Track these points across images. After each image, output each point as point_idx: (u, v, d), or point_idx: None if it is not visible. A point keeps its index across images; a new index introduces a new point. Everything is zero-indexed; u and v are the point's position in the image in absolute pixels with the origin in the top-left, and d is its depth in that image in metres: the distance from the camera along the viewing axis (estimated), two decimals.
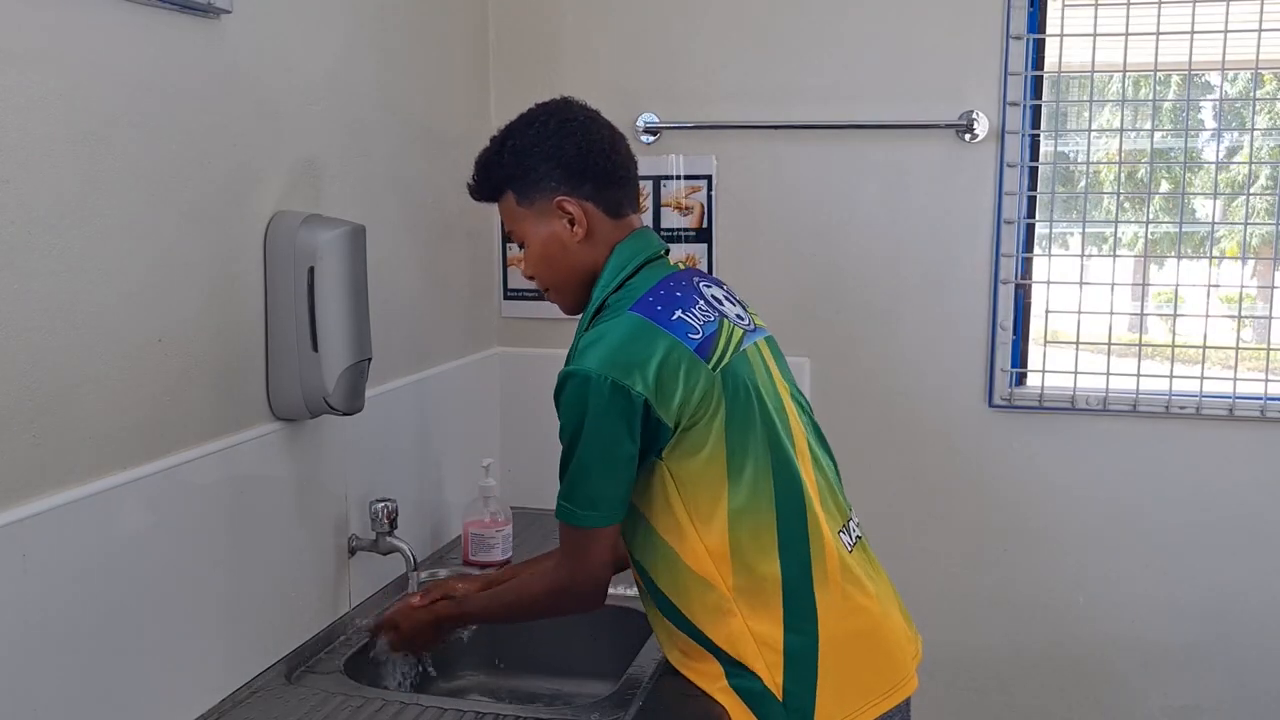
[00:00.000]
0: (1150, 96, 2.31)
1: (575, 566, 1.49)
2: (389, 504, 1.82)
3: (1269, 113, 2.24)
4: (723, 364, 1.45)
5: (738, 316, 1.55)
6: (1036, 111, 2.26)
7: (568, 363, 1.46)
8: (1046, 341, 2.36)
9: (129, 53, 1.33)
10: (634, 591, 1.92)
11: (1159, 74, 2.25)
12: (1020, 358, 2.33)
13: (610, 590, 1.92)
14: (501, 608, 1.65)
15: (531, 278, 1.60)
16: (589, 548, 1.47)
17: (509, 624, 1.82)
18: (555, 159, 1.51)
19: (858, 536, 1.56)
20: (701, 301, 1.51)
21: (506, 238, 2.45)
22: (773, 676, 1.43)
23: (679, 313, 1.46)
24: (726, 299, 1.57)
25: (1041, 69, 2.25)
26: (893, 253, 2.30)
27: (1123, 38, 2.18)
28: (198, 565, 1.46)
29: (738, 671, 1.45)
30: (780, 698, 1.42)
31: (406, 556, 1.82)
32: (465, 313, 2.32)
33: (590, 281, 1.54)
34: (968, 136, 2.23)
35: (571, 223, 1.52)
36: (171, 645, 1.41)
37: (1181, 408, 2.23)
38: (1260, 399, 2.20)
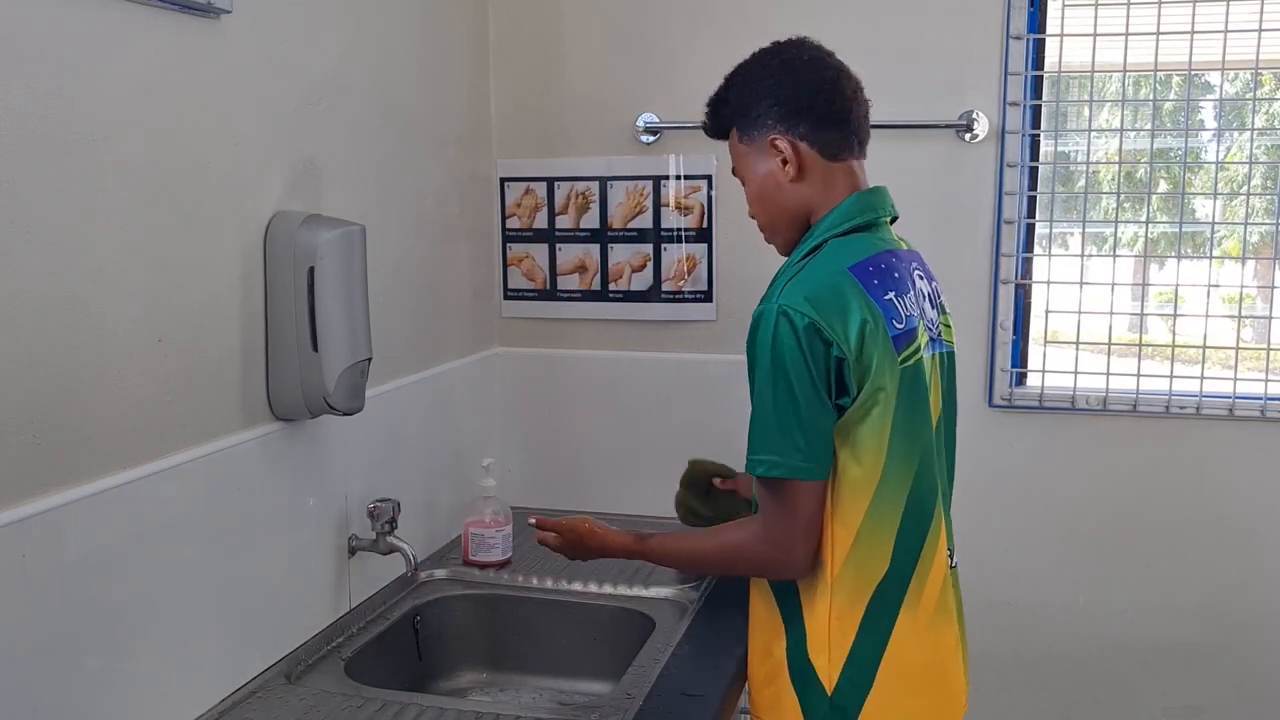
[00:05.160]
0: (1150, 96, 2.31)
1: (776, 527, 1.40)
2: (389, 504, 1.82)
3: (1267, 113, 2.24)
4: (908, 363, 1.41)
5: (930, 323, 1.51)
6: (1036, 111, 2.26)
7: (764, 300, 1.42)
8: (1046, 341, 2.36)
9: (129, 53, 1.33)
10: (634, 591, 1.93)
11: (1159, 74, 2.25)
12: (1020, 358, 2.33)
13: (610, 589, 1.93)
14: (690, 552, 1.57)
15: (753, 217, 1.58)
16: (791, 502, 1.38)
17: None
18: (773, 96, 1.49)
19: (954, 565, 1.55)
20: (912, 293, 1.47)
21: (506, 239, 2.45)
22: (831, 671, 1.42)
23: (892, 295, 1.42)
24: (930, 300, 1.53)
25: (1041, 69, 2.25)
26: None
27: (1123, 38, 2.18)
28: (197, 565, 1.46)
29: (803, 655, 1.43)
30: (829, 693, 1.42)
31: (406, 556, 1.82)
32: (465, 313, 2.33)
33: (803, 223, 1.51)
34: (968, 136, 2.23)
35: (784, 162, 1.48)
36: (171, 645, 1.41)
37: (1181, 408, 2.23)
38: (1260, 399, 2.20)
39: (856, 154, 1.52)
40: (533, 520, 1.76)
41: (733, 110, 1.53)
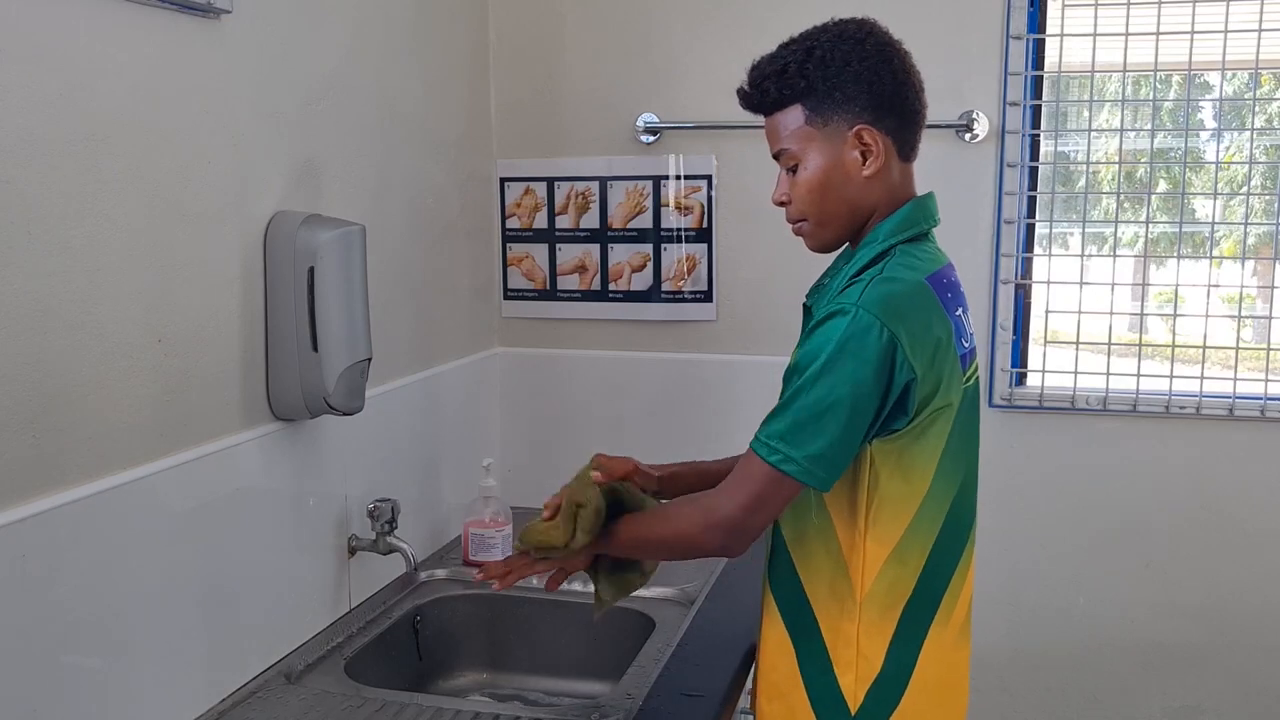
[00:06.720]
0: (1150, 96, 2.31)
1: (747, 513, 1.30)
2: (389, 504, 1.82)
3: (1267, 113, 2.24)
4: (969, 383, 1.38)
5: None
6: (1036, 111, 2.26)
7: (817, 293, 1.36)
8: (1046, 341, 2.36)
9: (129, 53, 1.33)
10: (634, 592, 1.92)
11: (1159, 74, 2.25)
12: (1020, 358, 2.33)
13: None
14: (635, 539, 1.44)
15: (783, 204, 1.43)
16: (774, 500, 1.30)
17: (639, 545, 1.47)
18: (867, 83, 1.35)
19: None
20: (969, 311, 1.43)
21: (506, 239, 2.45)
22: (857, 689, 1.37)
23: (960, 311, 1.38)
24: None
25: (1041, 69, 2.25)
26: None
27: (1123, 38, 2.19)
28: (197, 565, 1.46)
29: (824, 673, 1.38)
30: (853, 711, 1.36)
31: (406, 556, 1.82)
32: (465, 313, 2.32)
33: (860, 222, 1.40)
34: (968, 136, 2.23)
35: (864, 155, 1.37)
36: (171, 645, 1.41)
37: (1181, 408, 2.23)
38: (1260, 399, 2.20)
39: (914, 158, 1.46)
40: (479, 575, 1.54)
41: (810, 85, 1.36)
